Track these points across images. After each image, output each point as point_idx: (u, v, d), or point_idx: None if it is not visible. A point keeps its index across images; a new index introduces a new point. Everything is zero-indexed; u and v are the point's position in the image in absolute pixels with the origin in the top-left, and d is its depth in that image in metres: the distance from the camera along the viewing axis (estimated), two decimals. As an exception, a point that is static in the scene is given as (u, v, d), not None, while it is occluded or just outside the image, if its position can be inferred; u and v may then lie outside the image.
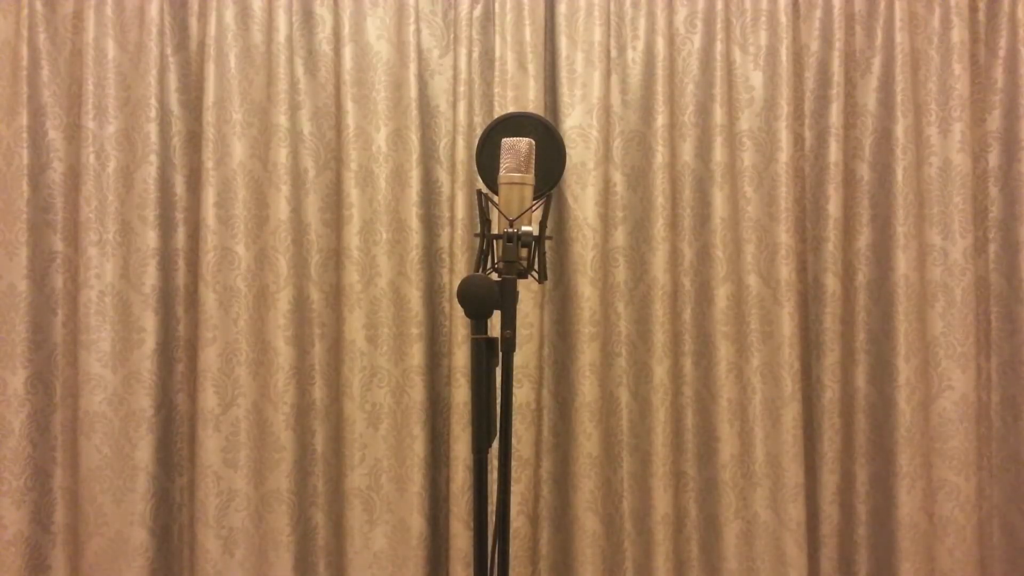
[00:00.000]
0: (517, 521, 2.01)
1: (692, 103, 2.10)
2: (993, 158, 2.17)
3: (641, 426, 2.07)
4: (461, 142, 2.03)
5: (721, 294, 2.05)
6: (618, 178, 2.09)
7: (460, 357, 2.01)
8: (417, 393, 2.02)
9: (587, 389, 2.02)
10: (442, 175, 2.09)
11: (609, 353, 2.06)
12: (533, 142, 1.47)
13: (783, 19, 2.07)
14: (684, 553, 2.08)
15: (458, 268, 2.02)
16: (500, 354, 1.39)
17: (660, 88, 2.06)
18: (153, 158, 1.99)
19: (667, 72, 2.06)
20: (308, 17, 2.06)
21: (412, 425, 2.02)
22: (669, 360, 2.05)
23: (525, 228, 1.43)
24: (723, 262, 2.05)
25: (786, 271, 2.05)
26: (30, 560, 1.98)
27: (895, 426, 2.05)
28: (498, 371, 1.42)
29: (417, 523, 2.01)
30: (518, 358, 1.96)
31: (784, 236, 2.05)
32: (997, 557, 2.15)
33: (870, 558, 2.11)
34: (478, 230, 1.56)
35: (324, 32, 2.06)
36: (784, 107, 2.06)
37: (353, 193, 2.01)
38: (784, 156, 2.06)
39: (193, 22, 2.06)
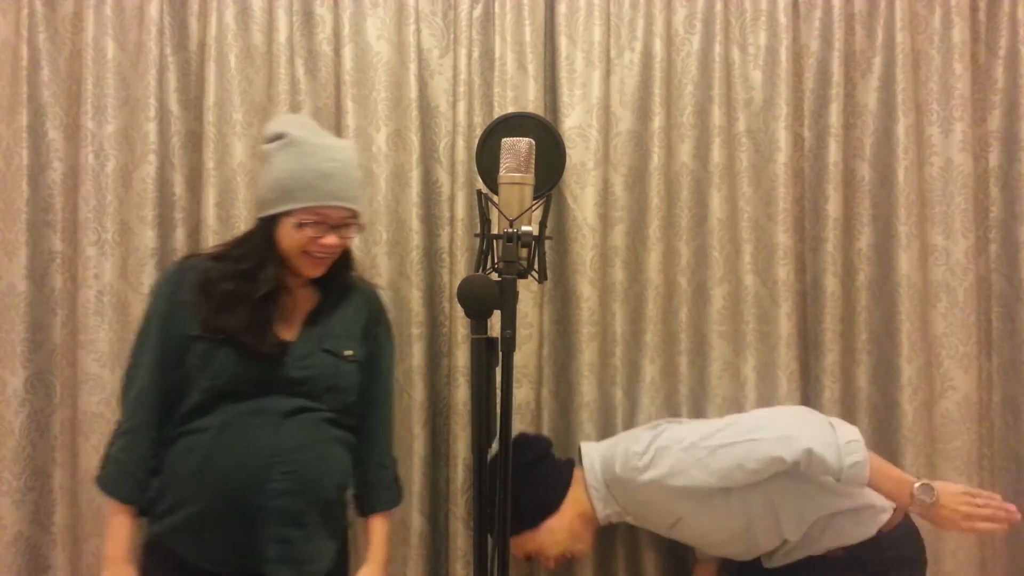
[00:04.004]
0: (517, 521, 2.00)
1: (691, 104, 2.10)
2: (994, 158, 2.17)
3: (635, 425, 2.06)
4: (461, 142, 2.03)
5: (718, 294, 2.05)
6: (616, 178, 2.08)
7: (460, 357, 2.01)
8: (417, 393, 2.02)
9: (586, 389, 2.01)
10: (442, 175, 2.09)
11: (607, 353, 2.06)
12: (533, 142, 1.47)
13: (782, 19, 2.07)
14: (681, 550, 2.07)
15: (458, 268, 2.02)
16: (500, 354, 1.39)
17: (658, 89, 2.05)
18: (152, 158, 1.99)
19: (665, 73, 2.06)
20: (308, 17, 2.06)
21: (412, 424, 2.02)
22: (662, 360, 2.05)
23: (525, 228, 1.43)
24: (720, 262, 2.05)
25: (784, 271, 2.05)
26: (30, 560, 1.98)
27: (898, 426, 2.04)
28: (498, 371, 1.41)
29: (417, 522, 2.01)
30: (518, 358, 1.96)
31: (782, 236, 2.05)
32: (998, 557, 2.15)
33: (871, 559, 2.10)
34: (478, 230, 1.55)
35: (324, 32, 2.06)
36: (783, 107, 2.06)
37: (353, 193, 2.01)
38: (783, 156, 2.05)
39: (193, 22, 2.05)
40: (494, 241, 1.46)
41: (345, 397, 1.57)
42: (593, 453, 1.78)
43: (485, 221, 1.55)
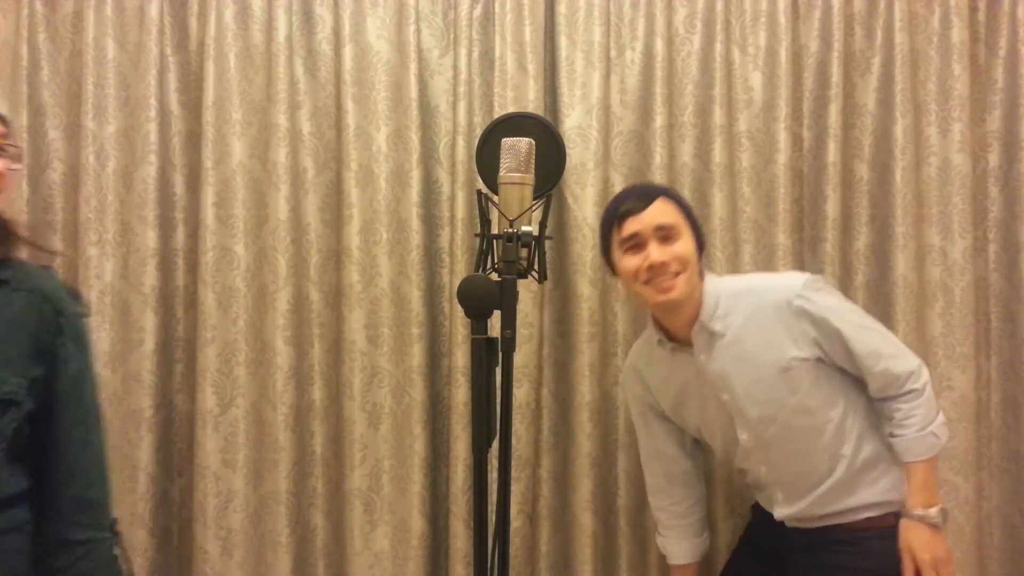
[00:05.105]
0: (517, 520, 2.01)
1: (691, 103, 2.10)
2: (993, 158, 2.17)
3: (634, 425, 2.06)
4: (461, 142, 2.03)
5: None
6: (616, 179, 2.09)
7: (460, 357, 2.01)
8: (418, 393, 2.02)
9: (586, 389, 2.02)
10: (442, 175, 2.09)
11: (608, 353, 2.06)
12: (533, 142, 1.48)
13: (782, 20, 2.07)
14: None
15: (458, 268, 2.02)
16: (500, 354, 1.40)
17: (659, 88, 2.06)
18: (153, 158, 1.99)
19: (667, 72, 2.06)
20: (308, 17, 2.06)
21: (413, 425, 2.02)
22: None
23: (525, 228, 1.43)
24: (722, 262, 2.05)
25: (782, 271, 2.05)
26: (30, 560, 1.98)
27: (895, 426, 2.04)
28: (498, 371, 1.42)
29: (418, 523, 2.01)
30: (518, 358, 1.96)
31: (782, 237, 2.05)
32: (997, 557, 2.15)
33: (870, 558, 2.10)
34: (478, 230, 1.56)
35: (324, 32, 2.06)
36: (783, 108, 2.06)
37: (354, 193, 2.01)
38: (783, 157, 2.06)
39: (193, 22, 2.06)
40: (494, 241, 1.47)
41: None
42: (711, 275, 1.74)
43: (485, 221, 1.56)
